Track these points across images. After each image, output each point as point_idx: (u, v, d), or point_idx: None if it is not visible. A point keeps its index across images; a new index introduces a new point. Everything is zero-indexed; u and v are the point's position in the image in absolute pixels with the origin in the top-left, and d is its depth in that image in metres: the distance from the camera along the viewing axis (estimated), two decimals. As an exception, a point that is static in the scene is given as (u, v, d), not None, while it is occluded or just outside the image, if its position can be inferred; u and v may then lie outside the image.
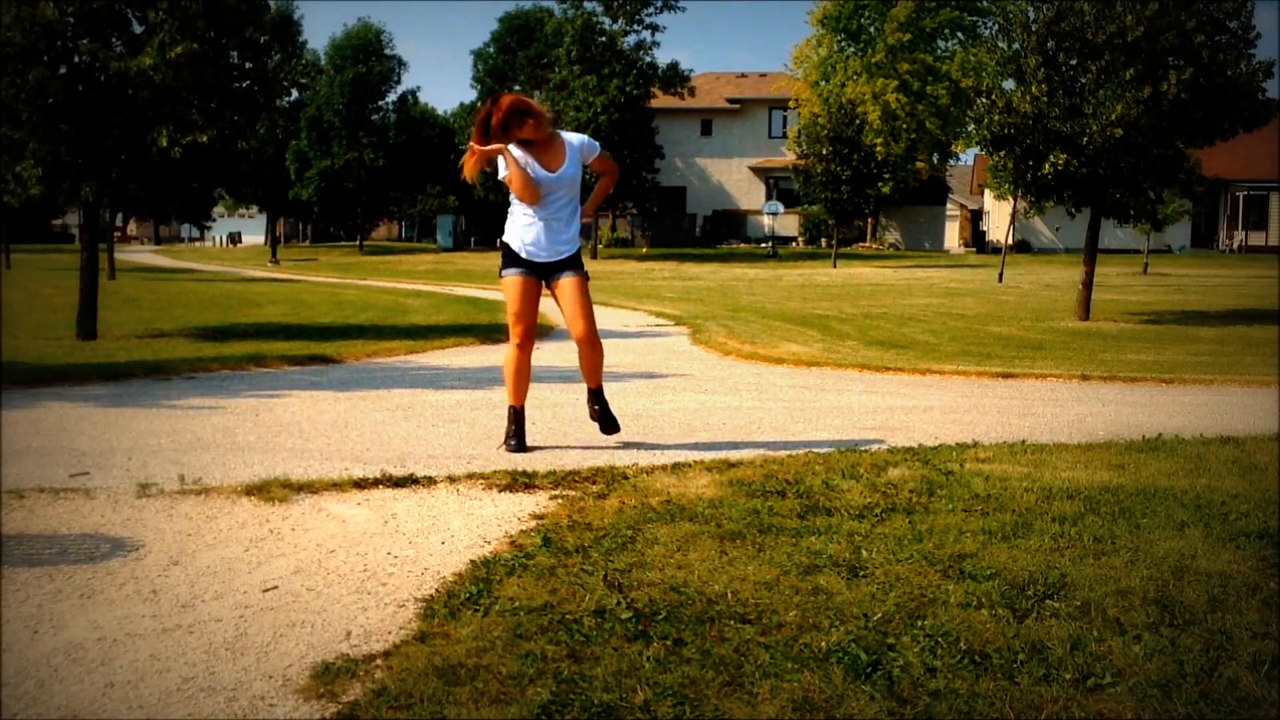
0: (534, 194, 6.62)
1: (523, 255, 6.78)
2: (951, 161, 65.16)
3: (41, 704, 3.23)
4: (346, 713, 3.13)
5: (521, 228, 6.78)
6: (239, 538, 4.88)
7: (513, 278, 6.82)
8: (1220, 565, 4.25)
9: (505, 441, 6.96)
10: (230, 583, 4.30)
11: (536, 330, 7.12)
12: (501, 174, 6.64)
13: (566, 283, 6.82)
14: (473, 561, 4.45)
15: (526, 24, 68.61)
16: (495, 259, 7.04)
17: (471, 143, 6.66)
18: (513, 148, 6.63)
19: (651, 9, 54.79)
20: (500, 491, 5.68)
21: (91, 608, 4.02)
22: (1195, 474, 5.88)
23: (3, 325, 17.84)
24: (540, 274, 6.83)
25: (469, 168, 6.71)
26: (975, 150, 58.25)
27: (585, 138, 6.94)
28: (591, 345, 6.91)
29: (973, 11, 56.70)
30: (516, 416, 6.99)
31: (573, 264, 6.85)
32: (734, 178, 67.69)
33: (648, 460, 6.43)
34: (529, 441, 6.97)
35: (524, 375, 6.96)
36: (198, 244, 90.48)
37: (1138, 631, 3.59)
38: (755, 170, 67.21)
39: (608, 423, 7.05)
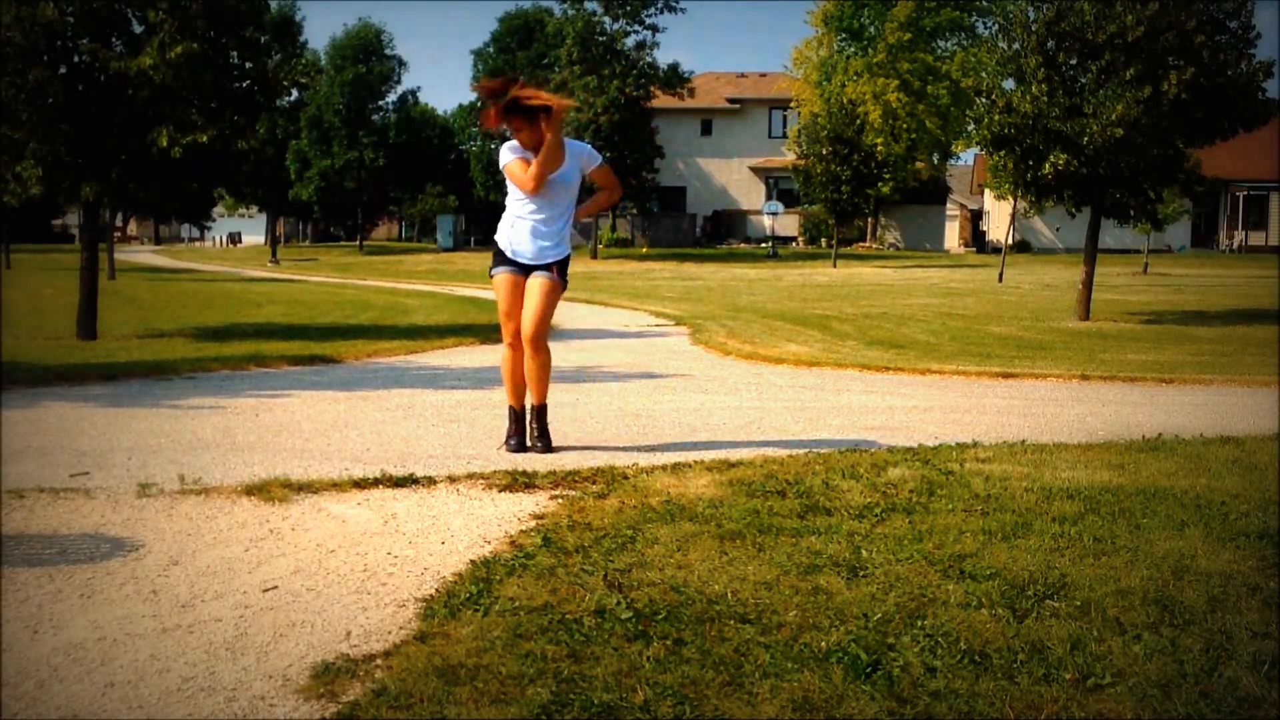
0: (535, 186, 6.58)
1: (508, 255, 6.81)
2: (951, 161, 65.17)
3: (41, 704, 3.23)
4: (346, 713, 3.13)
5: (510, 228, 6.82)
6: (239, 538, 4.88)
7: (501, 276, 6.85)
8: (1220, 565, 4.25)
9: (505, 442, 6.96)
10: (230, 583, 4.29)
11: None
12: (519, 156, 6.63)
13: (534, 280, 6.78)
14: (473, 561, 4.45)
15: (526, 24, 68.60)
16: (495, 259, 7.06)
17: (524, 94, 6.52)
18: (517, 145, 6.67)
19: (652, 9, 54.75)
20: (500, 491, 5.68)
21: (91, 608, 4.02)
22: (1195, 474, 5.87)
23: (3, 325, 17.84)
24: (526, 273, 6.82)
25: (491, 119, 6.61)
26: (975, 150, 58.22)
27: (589, 147, 6.97)
28: (535, 348, 6.79)
29: (973, 11, 56.67)
30: (517, 417, 6.99)
31: (554, 266, 6.84)
32: (734, 178, 67.67)
33: (648, 460, 6.43)
34: (529, 442, 6.96)
35: (520, 375, 6.93)
36: (198, 244, 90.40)
37: (1138, 631, 3.59)
38: (755, 170, 67.18)
39: (545, 443, 6.95)
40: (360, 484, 5.77)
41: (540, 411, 6.97)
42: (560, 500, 5.43)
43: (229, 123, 16.63)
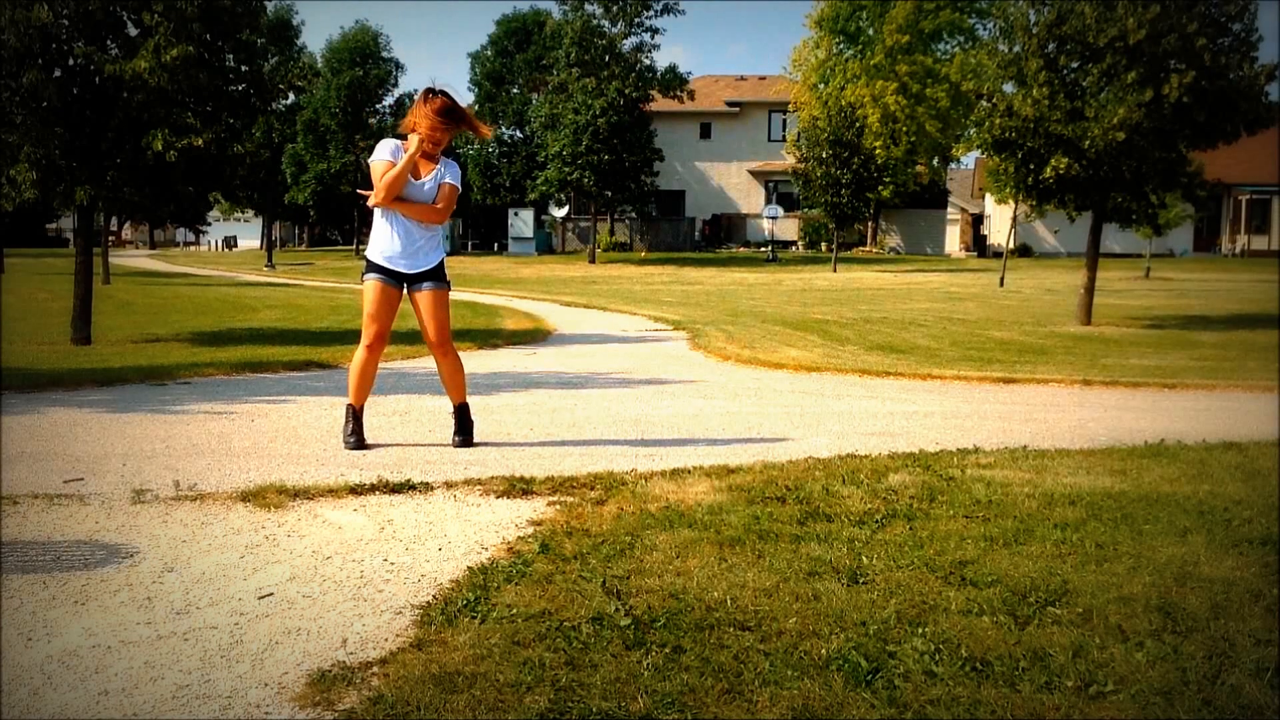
0: (388, 195, 6.81)
1: (384, 265, 7.01)
2: (952, 165, 65.16)
3: (35, 711, 3.20)
4: (343, 721, 3.11)
5: (383, 239, 7.01)
6: (234, 544, 4.85)
7: (371, 282, 7.07)
8: (1223, 572, 4.23)
9: (344, 440, 7.16)
10: (225, 589, 4.27)
11: (389, 335, 7.34)
12: (395, 167, 6.81)
13: (425, 295, 7.11)
14: (470, 568, 4.43)
15: (524, 26, 68.67)
16: (495, 263, 7.16)
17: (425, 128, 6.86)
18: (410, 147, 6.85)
19: (651, 12, 54.78)
20: (498, 498, 5.66)
21: (86, 614, 3.99)
22: (1198, 480, 5.86)
23: (-1, 330, 17.81)
24: (400, 282, 7.08)
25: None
26: (976, 154, 58.23)
27: (454, 164, 7.13)
28: (444, 353, 7.20)
29: (973, 13, 56.66)
30: (354, 415, 7.20)
31: (434, 275, 7.11)
32: (733, 181, 67.70)
33: (646, 466, 6.41)
34: (527, 443, 6.99)
35: (368, 377, 7.21)
36: (193, 248, 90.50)
37: (1140, 638, 3.57)
38: (754, 174, 67.21)
39: (466, 439, 7.25)
40: (357, 490, 5.75)
41: (461, 410, 7.29)
42: (558, 506, 5.41)
43: (224, 126, 16.63)
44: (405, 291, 7.17)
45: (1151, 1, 18.53)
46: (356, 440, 7.11)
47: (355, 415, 7.19)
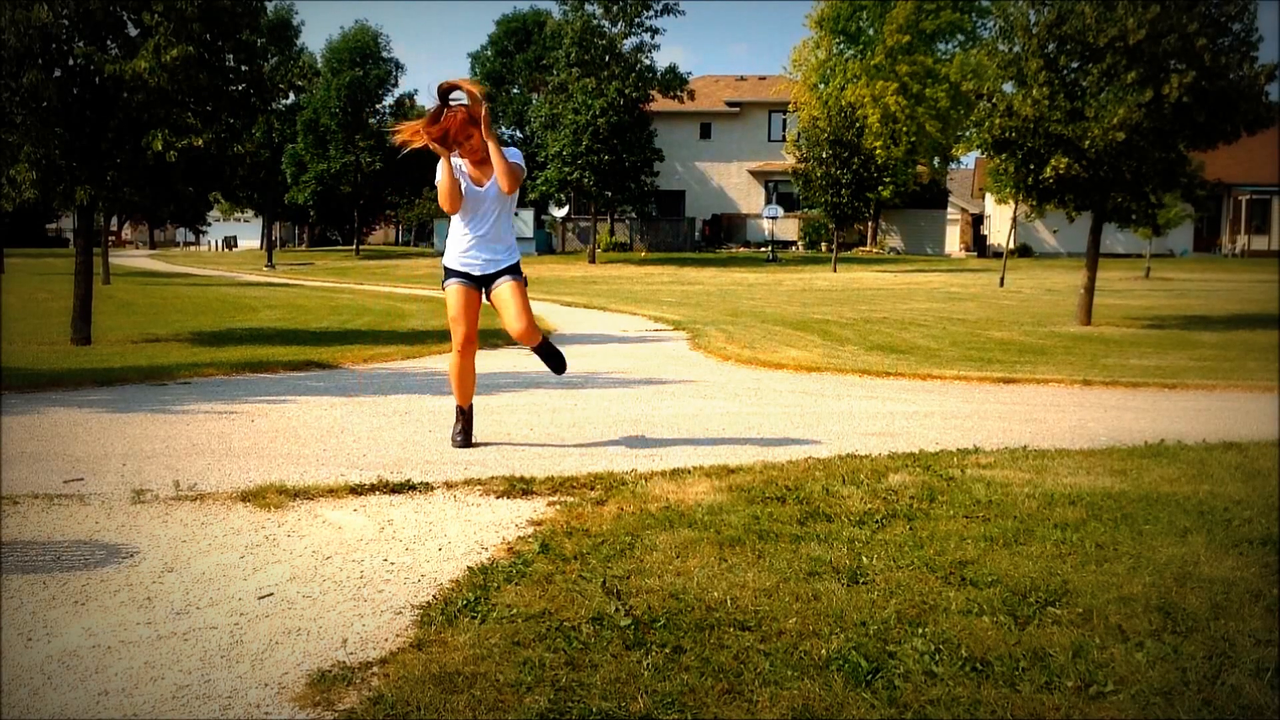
0: (454, 205, 6.79)
1: (460, 270, 7.02)
2: (952, 165, 65.10)
3: (35, 711, 3.20)
4: (343, 721, 3.10)
5: (459, 249, 7.03)
6: (234, 544, 4.85)
7: (453, 287, 7.08)
8: (1223, 572, 4.22)
9: (453, 438, 7.28)
10: (225, 589, 4.27)
11: (477, 336, 7.26)
12: (438, 177, 6.80)
13: (503, 287, 7.04)
14: (470, 568, 4.43)
15: (524, 26, 68.66)
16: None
17: (420, 127, 6.75)
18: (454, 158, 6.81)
19: (651, 12, 54.75)
20: (498, 498, 5.66)
21: (86, 614, 3.99)
22: (1198, 480, 5.85)
23: None
24: (479, 284, 7.07)
25: (407, 137, 6.79)
26: (976, 154, 58.19)
27: (515, 150, 7.00)
28: (531, 339, 7.17)
29: (973, 13, 56.65)
30: (463, 415, 7.31)
31: (510, 270, 7.07)
32: (733, 181, 67.65)
33: (646, 466, 6.41)
34: (527, 443, 7.00)
35: (467, 379, 7.26)
36: (193, 248, 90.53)
37: (1140, 639, 3.56)
38: (754, 174, 67.16)
39: (555, 362, 7.44)
40: (357, 490, 5.75)
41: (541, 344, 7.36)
42: (558, 506, 5.41)
43: (224, 126, 16.63)
44: (484, 291, 7.11)
45: (1151, 1, 18.50)
46: (464, 439, 7.23)
47: (464, 415, 7.31)
